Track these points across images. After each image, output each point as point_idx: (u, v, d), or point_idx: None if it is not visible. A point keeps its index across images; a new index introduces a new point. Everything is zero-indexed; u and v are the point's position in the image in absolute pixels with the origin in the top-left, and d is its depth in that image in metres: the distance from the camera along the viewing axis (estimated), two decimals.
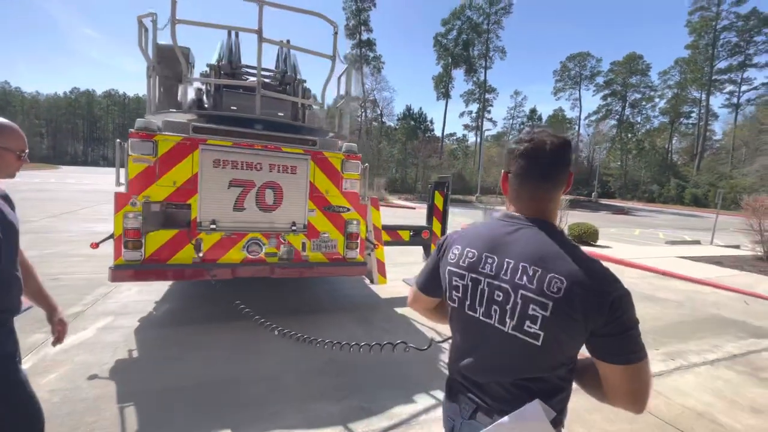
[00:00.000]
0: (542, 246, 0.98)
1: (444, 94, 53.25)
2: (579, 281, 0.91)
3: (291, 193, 4.18)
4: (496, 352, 1.01)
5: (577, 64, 61.13)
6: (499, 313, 1.00)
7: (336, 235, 4.39)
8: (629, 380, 0.93)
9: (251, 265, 4.06)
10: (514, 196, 1.08)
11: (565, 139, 1.03)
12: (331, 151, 4.31)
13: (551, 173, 1.02)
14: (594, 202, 41.42)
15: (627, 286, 0.95)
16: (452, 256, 1.10)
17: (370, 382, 3.20)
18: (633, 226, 21.68)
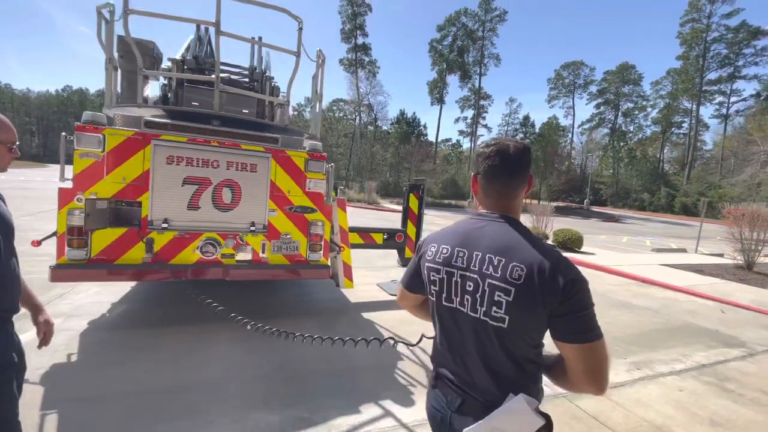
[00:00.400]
0: (506, 238, 1.09)
1: (438, 99, 53.44)
2: (537, 268, 1.01)
3: (250, 192, 4.04)
4: (472, 338, 1.10)
5: (571, 72, 61.71)
6: (471, 301, 1.10)
7: (298, 236, 4.25)
8: (584, 359, 1.02)
9: (205, 266, 3.90)
10: (482, 195, 1.20)
11: (525, 144, 1.16)
12: (294, 150, 4.18)
13: (515, 173, 1.14)
14: (585, 210, 41.61)
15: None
16: (429, 254, 1.21)
17: (318, 390, 3.06)
18: (622, 234, 21.73)
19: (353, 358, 3.65)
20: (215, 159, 3.88)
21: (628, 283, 8.12)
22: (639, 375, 3.75)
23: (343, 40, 47.24)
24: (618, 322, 5.41)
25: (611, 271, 9.08)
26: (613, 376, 3.70)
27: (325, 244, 4.39)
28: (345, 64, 47.81)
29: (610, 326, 5.21)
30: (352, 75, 47.53)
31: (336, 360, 3.60)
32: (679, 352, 4.44)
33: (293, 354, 3.65)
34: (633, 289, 7.63)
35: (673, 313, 6.05)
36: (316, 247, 4.31)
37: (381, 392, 3.08)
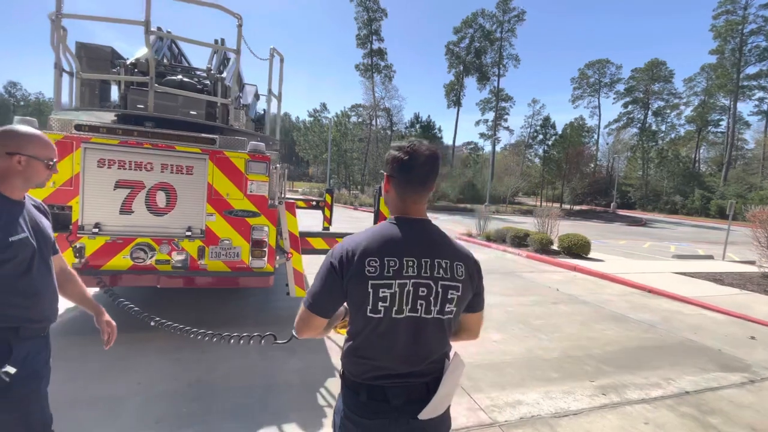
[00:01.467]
0: (440, 241, 1.24)
1: (455, 102, 52.66)
2: (469, 262, 1.26)
3: (186, 196, 3.88)
4: (416, 338, 1.18)
5: (596, 71, 59.43)
6: (425, 305, 1.18)
7: (240, 242, 4.05)
8: (479, 320, 1.37)
9: (136, 273, 3.76)
10: (398, 200, 1.25)
11: (437, 151, 1.26)
12: (234, 151, 3.99)
13: (430, 180, 1.24)
14: (611, 213, 39.73)
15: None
16: (371, 270, 1.14)
17: (222, 410, 2.81)
18: (646, 239, 20.47)
19: (278, 374, 3.41)
20: (149, 161, 3.74)
21: (630, 293, 7.48)
22: (601, 402, 3.29)
23: (359, 45, 47.41)
24: (600, 338, 4.90)
25: (615, 279, 8.42)
26: (570, 401, 3.27)
27: (270, 251, 4.17)
28: (361, 69, 47.95)
29: (590, 342, 4.72)
30: (368, 80, 47.63)
31: (260, 376, 3.36)
32: (663, 375, 3.92)
33: (218, 367, 3.44)
34: (634, 299, 7.01)
35: (672, 328, 5.45)
36: (260, 253, 4.09)
37: (290, 414, 2.81)
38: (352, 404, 1.21)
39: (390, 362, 1.18)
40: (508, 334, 4.82)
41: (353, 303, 1.18)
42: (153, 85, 3.85)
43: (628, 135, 58.33)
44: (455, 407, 3.08)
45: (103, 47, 4.75)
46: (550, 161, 47.30)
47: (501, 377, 3.67)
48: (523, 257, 10.90)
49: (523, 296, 6.73)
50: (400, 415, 1.18)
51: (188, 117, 4.34)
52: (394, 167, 1.22)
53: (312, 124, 53.95)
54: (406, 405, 1.17)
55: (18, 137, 1.47)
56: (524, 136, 56.17)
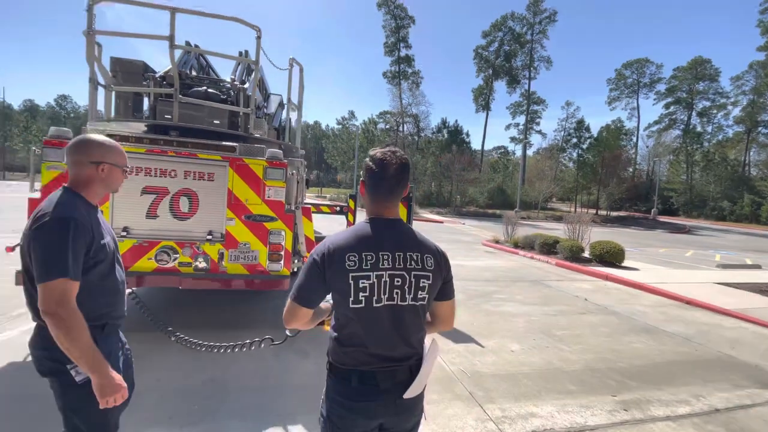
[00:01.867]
0: (411, 236, 1.38)
1: (484, 106, 51.90)
2: (438, 254, 1.40)
3: (208, 201, 4.05)
4: (395, 324, 1.32)
5: (634, 71, 56.88)
6: (400, 293, 1.32)
7: (258, 245, 4.17)
8: (452, 308, 1.50)
9: (159, 275, 3.95)
10: (372, 202, 1.40)
11: (407, 158, 1.40)
12: (253, 158, 4.13)
13: (402, 185, 1.38)
14: (651, 220, 37.67)
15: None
16: (351, 264, 1.27)
17: (232, 409, 2.90)
18: (688, 247, 19.25)
19: (290, 376, 3.47)
20: (173, 169, 3.94)
21: (666, 304, 7.05)
22: (622, 418, 3.12)
23: (387, 53, 47.75)
24: (628, 351, 4.65)
25: (650, 289, 7.97)
26: (587, 416, 3.12)
27: (287, 254, 4.27)
28: (388, 77, 48.27)
29: (616, 354, 4.48)
30: (395, 87, 47.85)
31: (272, 377, 3.43)
32: (693, 391, 3.67)
33: (233, 367, 3.54)
34: (670, 311, 6.60)
35: (708, 342, 5.09)
36: (276, 257, 4.20)
37: (297, 416, 2.85)
38: (343, 391, 1.32)
39: (375, 348, 1.31)
40: (527, 345, 4.67)
41: (337, 295, 1.31)
42: (177, 97, 4.06)
43: (671, 137, 55.41)
44: (463, 417, 3.02)
45: (135, 61, 5.07)
46: (584, 165, 45.58)
47: (516, 388, 3.56)
48: (551, 265, 10.54)
49: (548, 306, 6.50)
50: (388, 396, 1.31)
51: (212, 126, 4.55)
52: (367, 175, 1.38)
53: (340, 132, 54.83)
54: (393, 387, 1.32)
55: (101, 147, 1.57)
56: (557, 139, 54.41)
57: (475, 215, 32.22)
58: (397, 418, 1.36)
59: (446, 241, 14.78)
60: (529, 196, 39.05)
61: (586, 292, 7.64)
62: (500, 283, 8.00)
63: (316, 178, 60.97)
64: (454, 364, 3.98)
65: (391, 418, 1.35)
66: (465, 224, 23.58)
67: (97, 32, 3.86)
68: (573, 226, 12.21)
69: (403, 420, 1.38)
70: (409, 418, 1.40)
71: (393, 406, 1.33)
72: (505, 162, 55.51)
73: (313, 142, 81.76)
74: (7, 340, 3.89)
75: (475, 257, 11.32)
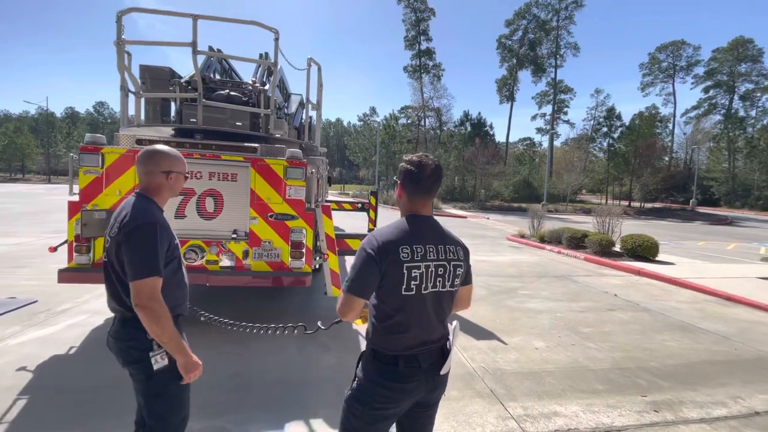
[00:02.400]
0: (444, 231, 1.57)
1: (508, 97, 50.66)
2: (463, 246, 1.59)
3: (232, 201, 4.18)
4: (435, 308, 1.50)
5: (669, 54, 53.88)
6: (442, 281, 1.50)
7: (280, 243, 4.28)
8: (471, 291, 1.72)
9: (188, 273, 4.09)
10: (408, 202, 1.55)
11: (439, 163, 1.57)
12: (273, 158, 4.23)
13: (436, 187, 1.55)
14: (690, 211, 35.77)
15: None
16: (405, 255, 1.42)
17: (256, 402, 3.00)
18: (731, 239, 18.18)
19: (313, 370, 3.55)
20: (198, 170, 4.09)
21: (703, 300, 6.71)
22: (651, 419, 3.01)
23: (407, 47, 47.33)
24: (660, 349, 4.46)
25: (686, 284, 7.60)
26: (614, 416, 3.03)
27: (308, 252, 4.35)
28: (409, 70, 47.87)
29: (647, 353, 4.32)
30: (416, 81, 47.40)
31: (295, 371, 3.52)
32: (730, 392, 3.48)
33: (257, 361, 3.66)
34: (708, 307, 6.28)
35: (749, 341, 4.81)
36: (298, 255, 4.29)
37: (319, 409, 2.91)
38: (389, 374, 1.46)
39: (421, 331, 1.48)
40: (552, 342, 4.57)
41: (389, 285, 1.43)
42: (201, 101, 4.20)
43: (710, 123, 52.31)
44: (484, 414, 3.00)
45: (162, 68, 5.27)
46: (616, 155, 43.71)
47: (539, 386, 3.49)
48: (579, 260, 10.23)
49: (575, 302, 6.32)
50: (428, 374, 1.49)
51: (234, 128, 4.68)
52: (406, 177, 1.53)
53: (362, 128, 54.92)
54: (430, 366, 1.50)
55: (169, 158, 1.76)
56: (586, 129, 52.44)
57: (499, 209, 31.61)
58: (432, 393, 1.55)
59: (469, 236, 14.60)
60: (557, 188, 37.89)
61: (615, 287, 7.37)
62: (525, 278, 7.84)
63: (338, 175, 61.49)
64: (476, 360, 3.95)
65: (428, 394, 1.54)
66: (489, 219, 23.20)
67: (125, 42, 4.04)
68: (603, 219, 11.77)
69: (436, 394, 1.58)
70: (440, 392, 1.60)
71: (432, 383, 1.51)
72: (531, 154, 53.97)
73: (336, 139, 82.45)
74: (51, 334, 4.16)
75: (499, 252, 11.13)
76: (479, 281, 7.21)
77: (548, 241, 12.27)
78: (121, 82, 4.61)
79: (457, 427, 2.81)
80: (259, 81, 5.48)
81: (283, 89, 6.52)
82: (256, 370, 3.49)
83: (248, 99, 5.18)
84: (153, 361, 1.63)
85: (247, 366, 3.56)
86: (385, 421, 1.51)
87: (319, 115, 5.37)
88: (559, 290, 7.00)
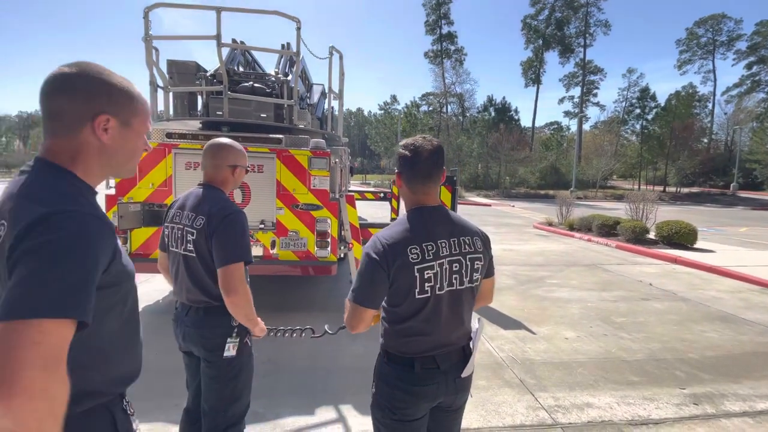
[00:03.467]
0: (457, 221, 1.42)
1: (534, 80, 48.95)
2: (482, 235, 1.45)
3: (259, 192, 4.25)
4: (452, 307, 1.37)
5: (709, 28, 50.37)
6: (458, 278, 1.36)
7: (306, 233, 4.33)
8: (493, 284, 1.58)
9: None
10: (410, 192, 1.41)
11: (440, 144, 1.41)
12: (298, 149, 4.25)
13: (439, 173, 1.39)
14: (731, 196, 33.81)
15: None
16: (414, 257, 1.29)
17: (287, 387, 3.08)
18: None
19: (340, 358, 3.60)
20: None
21: (747, 290, 6.36)
22: (691, 412, 2.89)
23: (428, 32, 46.29)
24: (699, 340, 4.27)
25: (727, 273, 7.21)
26: (651, 409, 2.93)
27: (333, 241, 4.39)
28: (430, 56, 46.96)
29: (685, 344, 4.14)
30: (438, 66, 46.48)
31: (324, 357, 3.58)
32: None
33: (288, 348, 3.74)
34: (750, 297, 5.95)
35: None
36: (324, 244, 4.33)
37: (347, 396, 2.96)
38: (406, 377, 1.35)
39: (438, 334, 1.36)
40: (583, 332, 4.46)
41: (400, 290, 1.31)
42: (227, 93, 4.25)
43: (753, 102, 48.73)
44: (513, 404, 2.96)
45: (188, 62, 5.36)
46: (650, 138, 41.68)
47: (570, 377, 3.42)
48: (611, 248, 9.88)
49: (607, 291, 6.12)
50: (448, 377, 1.38)
51: (259, 120, 4.73)
52: (402, 164, 1.39)
53: (383, 117, 54.56)
54: (451, 368, 1.38)
55: (236, 152, 1.82)
56: (618, 111, 50.12)
57: (525, 197, 30.88)
58: (455, 396, 1.43)
59: (493, 224, 14.36)
60: (586, 174, 36.55)
61: (650, 276, 7.09)
62: (553, 267, 7.65)
63: (360, 165, 61.59)
64: (503, 350, 3.90)
65: (450, 397, 1.41)
66: (514, 207, 22.72)
67: (153, 37, 4.13)
68: (636, 206, 11.29)
69: (459, 397, 1.46)
70: (464, 395, 1.47)
71: (453, 385, 1.39)
72: (559, 138, 52.21)
73: (357, 129, 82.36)
74: None
75: (525, 241, 10.90)
76: (505, 270, 7.09)
77: (577, 229, 11.91)
78: (150, 78, 4.72)
79: (486, 416, 2.79)
80: (281, 72, 5.50)
81: (305, 79, 6.52)
82: (287, 357, 3.57)
83: (271, 90, 5.21)
84: (226, 348, 1.72)
85: (278, 352, 3.65)
86: (410, 425, 1.38)
87: (341, 104, 5.36)
88: (589, 279, 6.80)
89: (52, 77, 0.85)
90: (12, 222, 0.76)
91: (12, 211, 0.77)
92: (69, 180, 0.86)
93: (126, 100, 0.92)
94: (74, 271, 0.74)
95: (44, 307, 0.68)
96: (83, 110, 0.86)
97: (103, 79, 0.88)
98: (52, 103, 0.86)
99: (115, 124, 0.90)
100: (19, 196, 0.80)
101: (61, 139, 0.87)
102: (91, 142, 0.89)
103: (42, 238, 0.72)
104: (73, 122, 0.86)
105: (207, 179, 1.82)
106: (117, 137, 0.91)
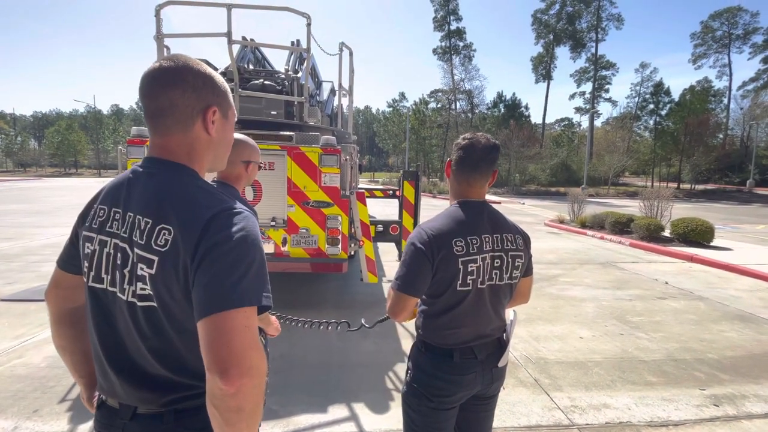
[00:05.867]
0: (501, 218, 1.45)
1: (545, 75, 48.29)
2: (523, 234, 1.48)
3: (270, 189, 4.25)
4: (492, 301, 1.41)
5: (724, 21, 49.08)
6: (499, 274, 1.40)
7: (317, 230, 4.32)
8: (531, 283, 1.59)
9: None
10: (459, 185, 1.44)
11: (496, 141, 1.44)
12: (308, 146, 4.24)
13: (492, 168, 1.42)
14: (747, 192, 33.05)
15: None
16: (459, 249, 1.32)
17: (300, 384, 3.07)
18: None
19: (353, 354, 3.59)
20: None
21: (766, 288, 6.19)
22: (711, 414, 2.81)
23: (436, 28, 45.93)
24: (719, 340, 4.16)
25: (745, 271, 7.03)
26: (670, 410, 2.86)
27: (344, 238, 4.37)
28: (439, 53, 46.57)
29: (704, 344, 4.04)
30: (446, 63, 46.13)
31: (336, 354, 3.58)
32: None
33: (300, 345, 3.75)
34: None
35: None
36: (334, 241, 4.32)
37: (360, 393, 2.94)
38: (446, 366, 1.39)
39: (477, 326, 1.40)
40: (598, 331, 4.38)
41: (443, 281, 1.33)
42: (237, 91, 4.25)
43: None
44: (528, 404, 2.92)
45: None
46: (663, 134, 40.85)
47: (586, 377, 3.36)
48: (624, 246, 9.71)
49: (621, 290, 6.01)
50: (485, 366, 1.42)
51: (270, 117, 4.72)
52: (456, 156, 1.43)
53: (391, 115, 54.38)
54: (487, 358, 1.42)
55: (250, 148, 1.77)
56: (630, 107, 49.21)
57: (536, 194, 30.58)
58: (491, 386, 1.47)
59: None
60: (598, 171, 36.00)
61: (666, 275, 6.94)
62: (566, 265, 7.54)
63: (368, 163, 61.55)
64: (517, 349, 3.85)
65: (487, 386, 1.46)
66: (525, 204, 22.49)
67: (165, 36, 4.14)
68: (650, 203, 11.08)
69: (494, 386, 1.49)
70: (499, 385, 1.51)
71: (489, 375, 1.43)
72: (570, 135, 51.52)
73: (365, 126, 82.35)
74: None
75: (537, 239, 10.76)
76: None
77: (590, 227, 11.73)
78: None
79: (501, 415, 2.75)
80: (291, 69, 5.49)
81: (315, 76, 6.51)
82: (299, 354, 3.57)
83: (281, 88, 5.21)
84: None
85: (290, 348, 3.65)
86: (445, 413, 1.42)
87: (350, 101, 5.32)
88: (603, 277, 6.69)
89: (157, 72, 0.84)
90: (182, 226, 0.79)
91: (177, 216, 0.80)
92: (200, 178, 0.89)
93: (224, 91, 0.92)
94: (260, 262, 0.81)
95: (247, 296, 0.76)
96: (195, 103, 0.85)
97: (204, 71, 0.87)
98: (162, 99, 0.84)
99: (219, 116, 0.90)
100: (170, 199, 0.82)
101: (177, 135, 0.87)
102: (201, 137, 0.89)
103: (223, 235, 0.79)
104: (186, 116, 0.86)
105: (220, 176, 1.79)
106: (220, 129, 0.92)
